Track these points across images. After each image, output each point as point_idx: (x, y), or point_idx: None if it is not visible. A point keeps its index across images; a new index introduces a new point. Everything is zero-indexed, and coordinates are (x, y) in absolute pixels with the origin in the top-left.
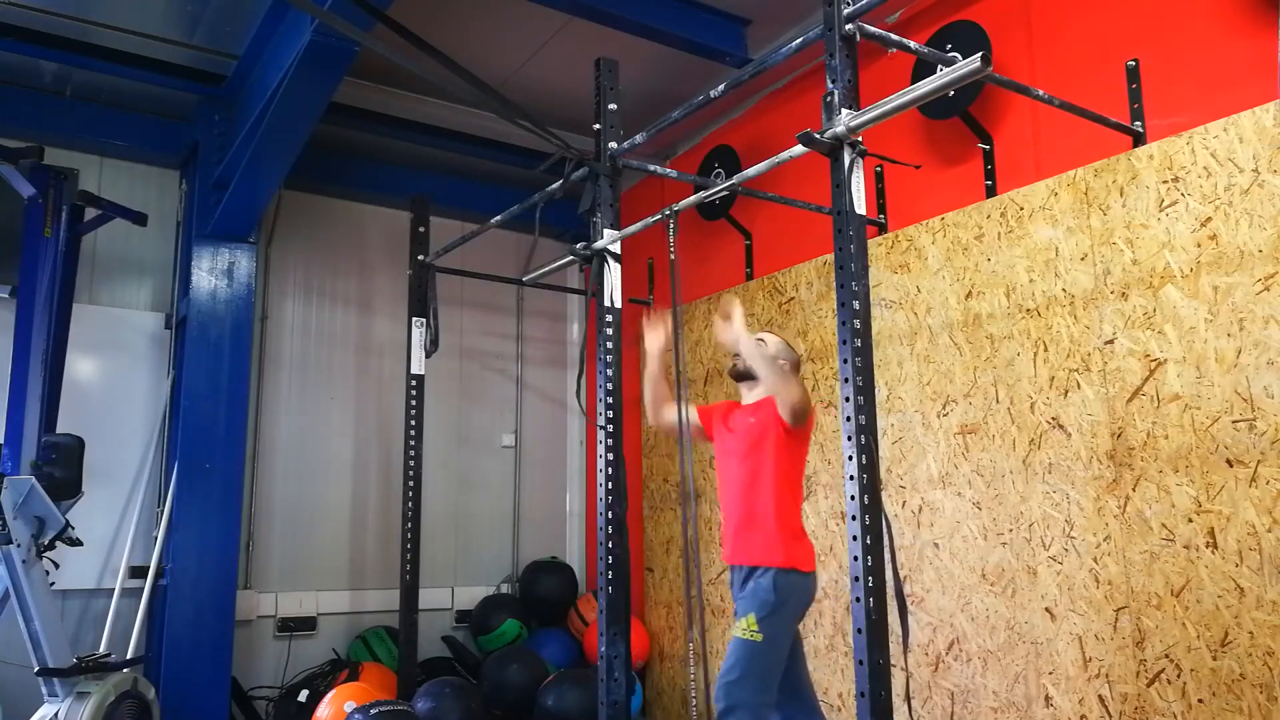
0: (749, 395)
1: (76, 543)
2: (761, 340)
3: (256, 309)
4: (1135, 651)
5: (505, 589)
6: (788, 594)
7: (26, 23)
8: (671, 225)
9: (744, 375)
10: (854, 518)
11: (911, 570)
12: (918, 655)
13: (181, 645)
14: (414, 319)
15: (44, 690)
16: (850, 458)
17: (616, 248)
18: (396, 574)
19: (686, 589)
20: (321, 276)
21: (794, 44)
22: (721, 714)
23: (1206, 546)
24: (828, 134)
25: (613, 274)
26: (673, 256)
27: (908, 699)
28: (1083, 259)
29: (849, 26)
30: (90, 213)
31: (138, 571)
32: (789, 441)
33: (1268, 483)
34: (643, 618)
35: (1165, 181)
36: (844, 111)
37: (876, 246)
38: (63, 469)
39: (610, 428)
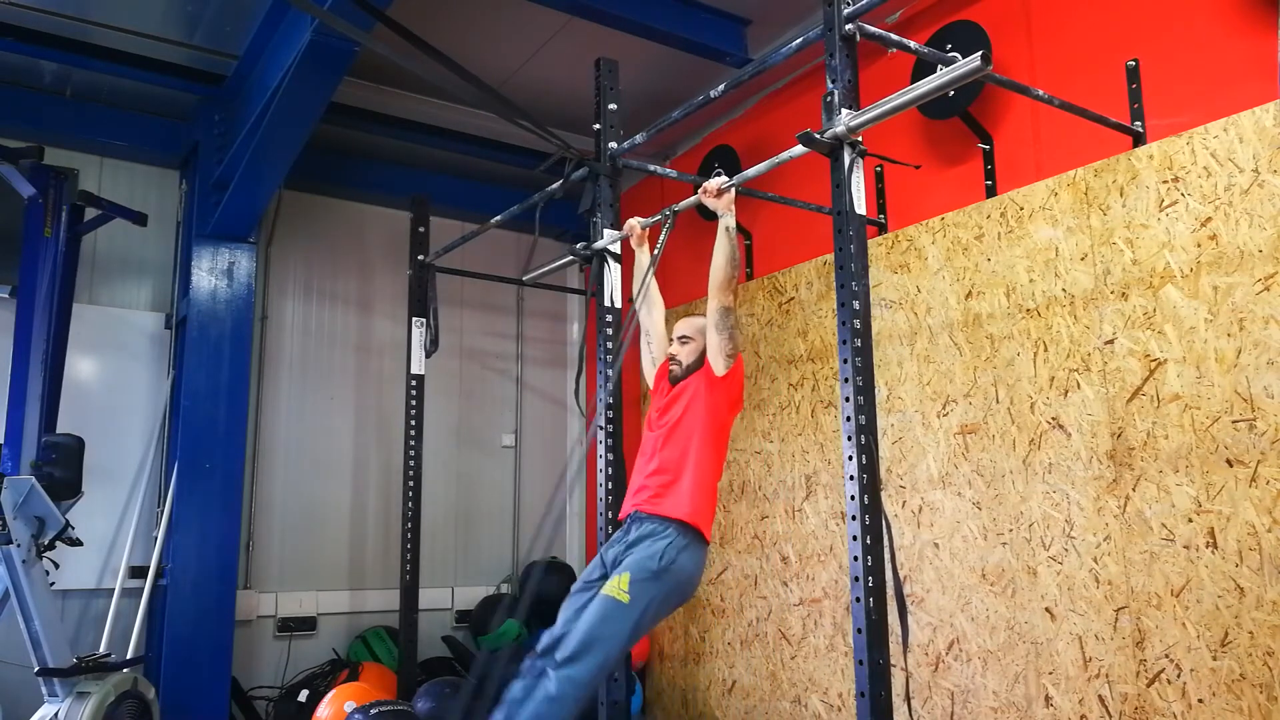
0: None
1: (76, 543)
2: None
3: (256, 309)
4: (1135, 651)
5: (505, 589)
6: (676, 570)
7: (26, 23)
8: (666, 226)
9: (683, 376)
10: (854, 518)
11: (911, 570)
12: (918, 655)
13: (181, 645)
14: (414, 319)
15: (44, 690)
16: (850, 458)
17: (616, 248)
18: (396, 574)
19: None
20: (321, 276)
21: (794, 44)
22: (541, 668)
23: (1206, 546)
24: (828, 134)
25: (613, 274)
26: (654, 253)
27: (908, 699)
28: (1083, 259)
29: (849, 26)
30: (90, 213)
31: (138, 571)
32: (712, 395)
33: (1268, 483)
34: None
35: (1165, 181)
36: (844, 111)
37: (876, 246)
38: (63, 469)
39: (610, 428)
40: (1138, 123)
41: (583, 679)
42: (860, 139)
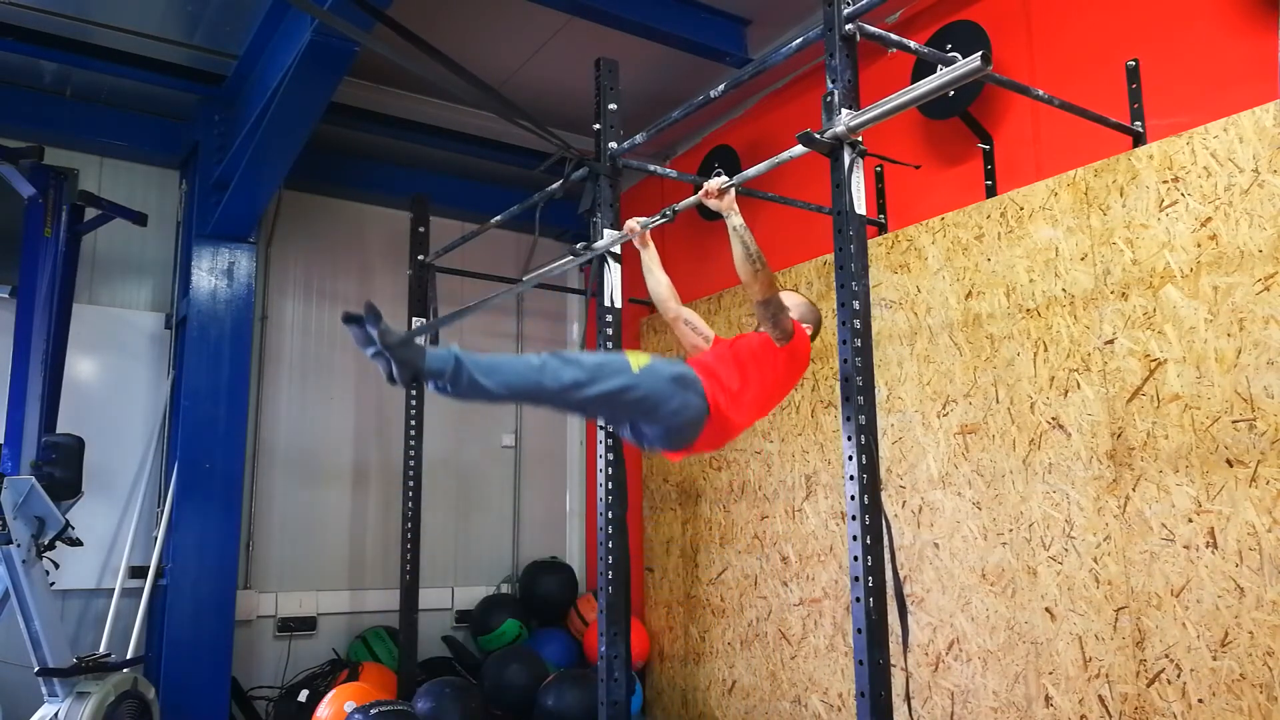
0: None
1: (76, 543)
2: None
3: (256, 309)
4: (1135, 651)
5: (505, 589)
6: (689, 395)
7: (26, 23)
8: (664, 222)
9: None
10: (854, 518)
11: (911, 570)
12: (918, 655)
13: (181, 645)
14: (414, 319)
15: (44, 690)
16: (850, 458)
17: (616, 248)
18: (396, 574)
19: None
20: (321, 276)
21: (794, 44)
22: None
23: (1206, 546)
24: (828, 134)
25: (613, 274)
26: (655, 249)
27: (908, 699)
28: (1083, 259)
29: (849, 26)
30: (90, 213)
31: (138, 571)
32: (775, 352)
33: (1268, 483)
34: (643, 618)
35: (1165, 181)
36: (844, 111)
37: (876, 246)
38: (63, 469)
39: (610, 428)
40: (1138, 123)
41: (556, 368)
42: (860, 139)
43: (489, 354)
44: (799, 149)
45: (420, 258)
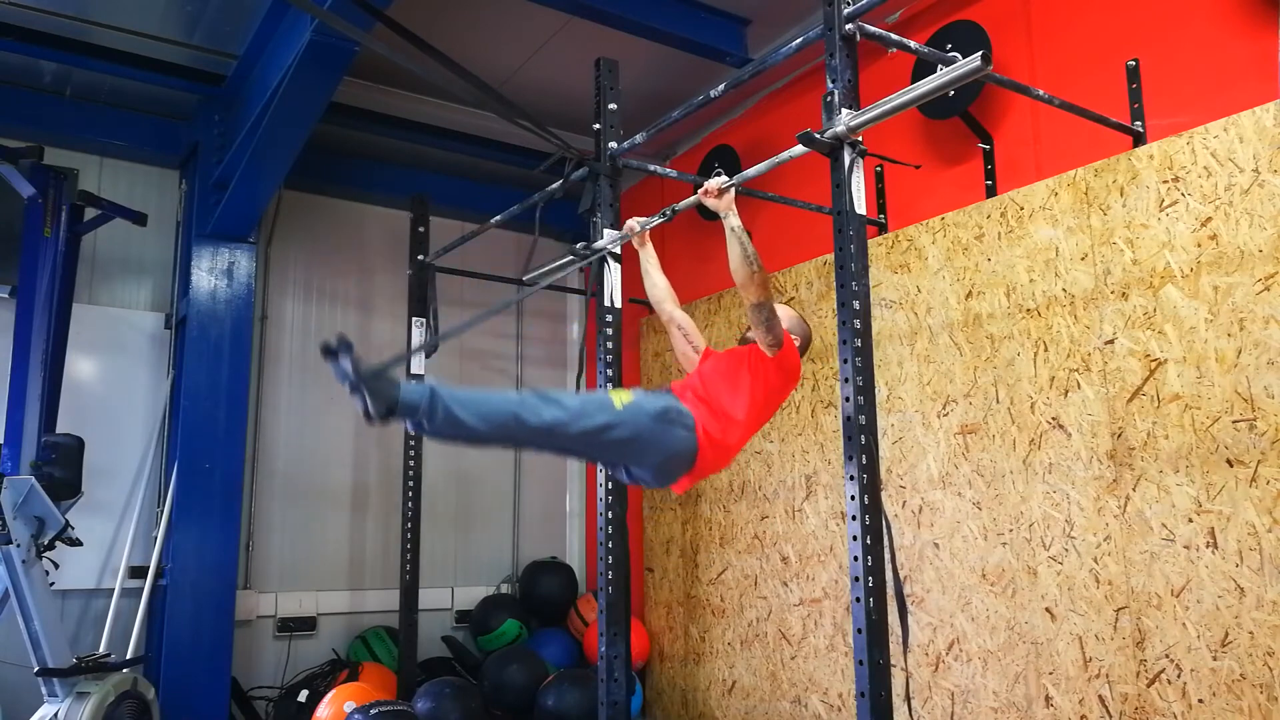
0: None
1: (76, 543)
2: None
3: (256, 309)
4: (1135, 651)
5: (505, 589)
6: (673, 426)
7: (26, 23)
8: (663, 221)
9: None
10: (854, 518)
11: (911, 570)
12: (918, 655)
13: (181, 645)
14: (414, 319)
15: (44, 690)
16: (850, 458)
17: (617, 248)
18: (396, 574)
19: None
20: (321, 276)
21: (794, 44)
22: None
23: (1206, 546)
24: (828, 134)
25: (613, 274)
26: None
27: (908, 699)
28: (1083, 259)
29: (849, 26)
30: (90, 213)
31: (138, 571)
32: (766, 362)
33: (1268, 483)
34: (643, 618)
35: (1165, 181)
36: (844, 111)
37: (876, 246)
38: (63, 469)
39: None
40: (1138, 123)
41: (536, 405)
42: (860, 139)
43: (465, 388)
44: (799, 149)
45: (420, 258)
